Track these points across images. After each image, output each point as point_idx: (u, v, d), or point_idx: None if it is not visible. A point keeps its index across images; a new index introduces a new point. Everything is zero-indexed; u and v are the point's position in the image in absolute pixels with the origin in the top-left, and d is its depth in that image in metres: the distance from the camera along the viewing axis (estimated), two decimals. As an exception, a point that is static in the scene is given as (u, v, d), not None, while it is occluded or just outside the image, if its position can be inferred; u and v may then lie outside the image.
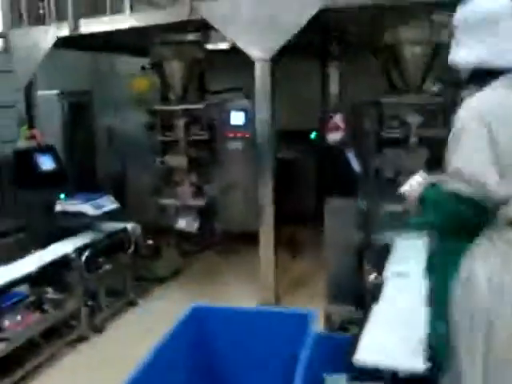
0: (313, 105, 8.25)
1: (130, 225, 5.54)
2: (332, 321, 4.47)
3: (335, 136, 4.38)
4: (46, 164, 5.97)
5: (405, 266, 3.79)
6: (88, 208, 5.35)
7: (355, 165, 4.35)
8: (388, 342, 2.66)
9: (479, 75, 2.25)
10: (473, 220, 2.13)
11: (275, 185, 5.22)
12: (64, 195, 5.71)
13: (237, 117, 7.03)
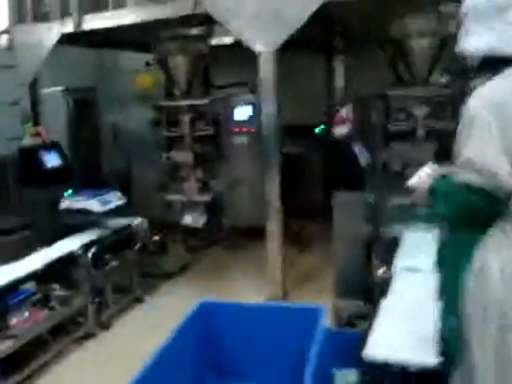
0: (318, 99, 8.20)
1: (137, 221, 5.51)
2: (340, 316, 4.44)
3: (342, 129, 4.34)
4: (52, 161, 5.95)
5: (414, 260, 3.75)
6: (94, 204, 5.33)
7: (362, 158, 4.31)
8: (398, 337, 2.63)
9: (490, 63, 2.21)
10: (484, 211, 2.09)
11: (282, 180, 5.19)
12: (70, 192, 5.69)
13: (242, 112, 6.99)
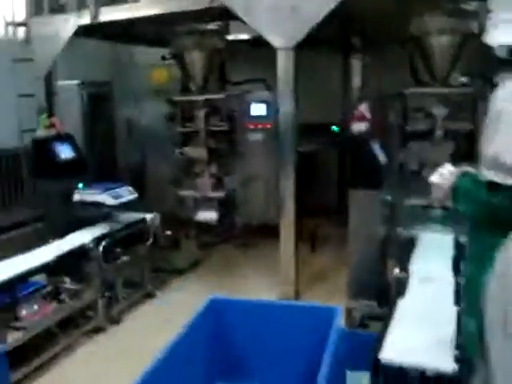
0: (334, 98, 8.13)
1: (149, 215, 5.47)
2: (353, 316, 4.37)
3: (360, 126, 4.27)
4: (65, 153, 5.91)
5: (430, 262, 3.68)
6: (106, 198, 5.29)
7: (380, 156, 4.23)
8: (414, 340, 2.57)
9: None
10: (508, 211, 2.01)
11: (297, 178, 5.12)
12: (82, 185, 5.67)
13: (257, 108, 6.93)
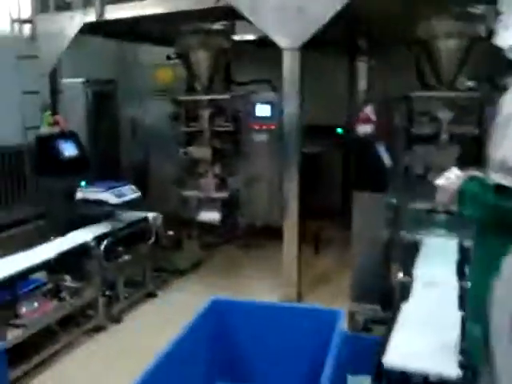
0: (339, 100, 8.10)
1: (152, 215, 5.45)
2: (356, 320, 4.33)
3: (365, 128, 4.23)
4: (69, 150, 5.90)
5: (434, 267, 3.65)
6: (109, 196, 5.28)
7: (385, 159, 4.20)
8: (418, 345, 2.54)
9: None
10: None
11: (301, 179, 5.09)
12: (85, 182, 5.65)
13: (262, 109, 6.89)
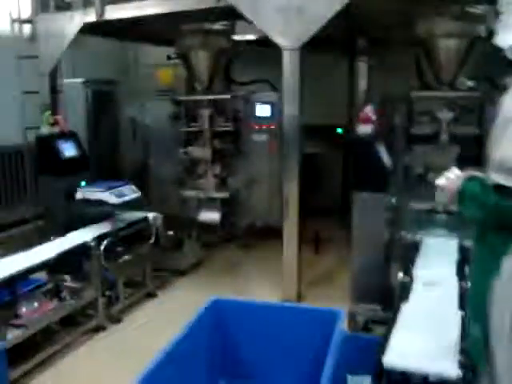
0: (339, 100, 8.10)
1: (152, 215, 5.43)
2: (356, 320, 4.33)
3: (365, 128, 4.23)
4: (69, 150, 5.91)
5: (434, 267, 3.65)
6: (109, 196, 5.30)
7: (385, 159, 4.20)
8: (418, 345, 2.53)
9: None
10: None
11: (300, 179, 5.08)
12: (85, 182, 5.66)
13: (262, 109, 6.89)
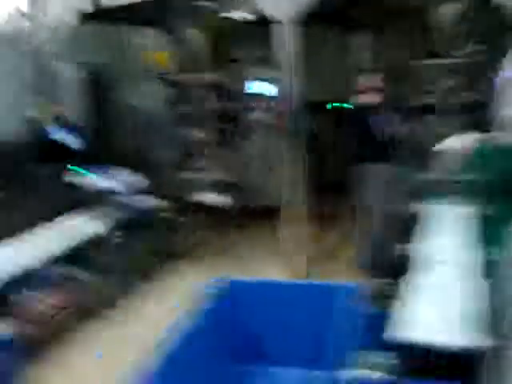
0: (340, 73, 7.92)
1: (152, 199, 5.41)
2: (364, 294, 4.27)
3: (370, 98, 4.15)
4: (66, 137, 5.88)
5: (444, 238, 3.58)
6: (110, 183, 5.31)
7: (389, 130, 4.13)
8: (426, 317, 2.48)
9: None
10: None
11: (303, 156, 5.00)
12: (86, 171, 5.63)
13: (262, 87, 6.80)
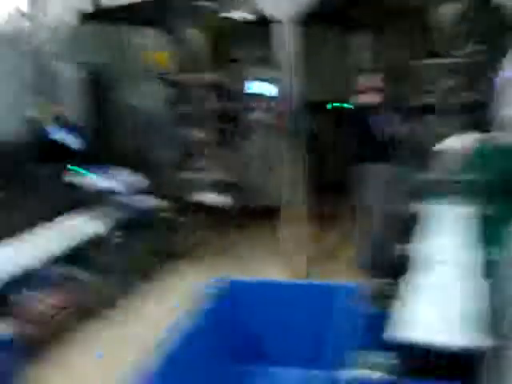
0: (340, 74, 7.93)
1: (152, 199, 5.41)
2: (364, 294, 4.27)
3: (370, 98, 4.15)
4: (66, 137, 5.88)
5: (443, 238, 3.58)
6: (110, 183, 5.30)
7: (389, 130, 4.13)
8: (428, 317, 2.48)
9: None
10: None
11: (303, 156, 4.99)
12: (86, 171, 5.62)
13: (261, 87, 6.80)
